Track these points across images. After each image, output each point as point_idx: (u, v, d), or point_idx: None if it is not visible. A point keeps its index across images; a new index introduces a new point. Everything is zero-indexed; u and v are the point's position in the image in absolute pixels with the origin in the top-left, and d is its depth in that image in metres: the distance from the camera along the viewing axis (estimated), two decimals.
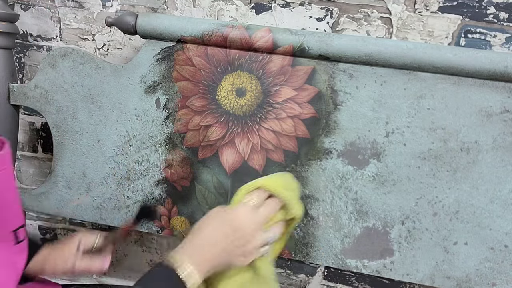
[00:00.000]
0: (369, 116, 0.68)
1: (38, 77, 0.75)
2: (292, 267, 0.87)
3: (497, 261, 0.68)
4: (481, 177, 0.66)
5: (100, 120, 0.75)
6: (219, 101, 0.71)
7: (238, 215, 0.52)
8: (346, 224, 0.72)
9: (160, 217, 0.78)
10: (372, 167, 0.69)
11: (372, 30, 0.72)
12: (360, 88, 0.67)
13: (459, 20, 0.68)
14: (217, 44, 0.68)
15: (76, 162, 0.77)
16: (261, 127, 0.71)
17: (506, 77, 0.62)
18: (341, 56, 0.65)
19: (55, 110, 0.76)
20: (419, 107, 0.66)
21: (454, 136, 0.66)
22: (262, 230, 0.53)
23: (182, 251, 0.49)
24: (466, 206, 0.68)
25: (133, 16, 0.69)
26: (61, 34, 0.85)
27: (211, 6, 0.76)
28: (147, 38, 0.71)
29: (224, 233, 0.50)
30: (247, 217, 0.52)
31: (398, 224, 0.70)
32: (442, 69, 0.63)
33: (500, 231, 0.67)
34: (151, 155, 0.75)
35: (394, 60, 0.64)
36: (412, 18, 0.70)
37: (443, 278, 0.70)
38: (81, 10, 0.82)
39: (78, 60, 0.73)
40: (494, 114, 0.64)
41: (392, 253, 0.71)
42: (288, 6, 0.73)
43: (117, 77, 0.73)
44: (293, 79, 0.68)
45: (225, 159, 0.73)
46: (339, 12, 0.72)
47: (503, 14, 0.67)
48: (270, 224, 0.55)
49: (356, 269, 0.73)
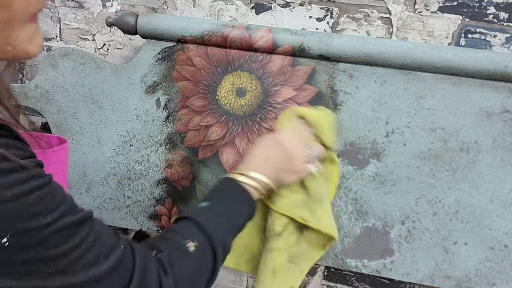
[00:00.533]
0: (369, 116, 0.68)
1: (39, 77, 0.75)
2: None
3: (497, 261, 0.68)
4: (481, 177, 0.66)
5: (101, 120, 0.75)
6: (219, 101, 0.71)
7: (284, 136, 0.57)
8: (346, 224, 0.72)
9: (161, 217, 0.78)
10: (372, 167, 0.69)
11: (372, 30, 0.72)
12: (360, 88, 0.67)
13: (459, 20, 0.68)
14: (217, 44, 0.68)
15: (77, 162, 0.77)
16: (261, 127, 0.71)
17: (506, 77, 0.62)
18: (341, 56, 0.65)
19: (55, 110, 0.76)
20: (419, 107, 0.66)
21: (454, 136, 0.66)
22: (306, 147, 0.58)
23: (240, 168, 0.55)
24: (466, 206, 0.68)
25: (133, 16, 0.69)
26: (61, 34, 0.85)
27: (211, 6, 0.76)
28: (147, 38, 0.71)
29: (274, 151, 0.56)
30: (291, 137, 0.57)
31: (398, 224, 0.70)
32: (442, 69, 0.63)
33: (500, 231, 0.67)
34: (151, 155, 0.75)
35: (394, 60, 0.64)
36: (412, 18, 0.70)
37: (443, 278, 0.70)
38: (81, 10, 0.82)
39: (78, 60, 0.73)
40: (494, 114, 0.64)
41: (392, 253, 0.71)
42: (288, 6, 0.73)
43: (117, 77, 0.73)
44: (293, 79, 0.68)
45: (225, 159, 0.73)
46: (339, 12, 0.72)
47: (503, 14, 0.67)
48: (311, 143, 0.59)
49: (356, 269, 0.73)
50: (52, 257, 0.35)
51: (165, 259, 0.45)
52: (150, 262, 0.43)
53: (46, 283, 0.35)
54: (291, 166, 0.56)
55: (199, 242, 0.47)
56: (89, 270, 0.37)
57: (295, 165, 0.56)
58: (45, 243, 0.34)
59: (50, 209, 0.35)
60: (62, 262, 0.36)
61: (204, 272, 0.48)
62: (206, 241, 0.48)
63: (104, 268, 0.38)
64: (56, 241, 0.35)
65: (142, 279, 0.41)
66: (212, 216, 0.50)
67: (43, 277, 0.35)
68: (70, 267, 0.36)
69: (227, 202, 0.52)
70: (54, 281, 0.35)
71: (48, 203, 0.35)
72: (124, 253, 0.41)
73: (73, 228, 0.37)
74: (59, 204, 0.36)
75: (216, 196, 0.53)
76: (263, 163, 0.55)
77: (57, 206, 0.36)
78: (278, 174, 0.55)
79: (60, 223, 0.35)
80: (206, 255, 0.48)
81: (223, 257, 0.50)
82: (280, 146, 0.56)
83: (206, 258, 0.48)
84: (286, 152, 0.56)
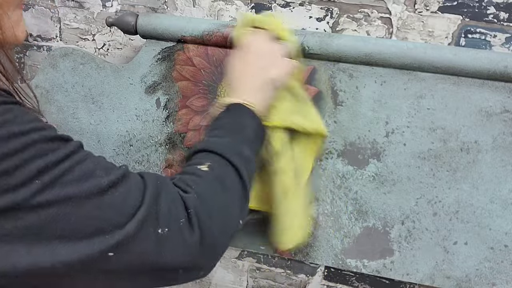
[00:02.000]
0: (369, 116, 0.68)
1: (39, 77, 0.75)
2: (292, 267, 0.87)
3: (497, 261, 0.68)
4: (481, 177, 0.66)
5: (101, 120, 0.75)
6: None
7: (249, 43, 0.56)
8: (346, 224, 0.72)
9: None
10: (372, 167, 0.69)
11: (372, 30, 0.72)
12: (360, 88, 0.67)
13: (459, 20, 0.68)
14: (217, 44, 0.68)
15: None
16: None
17: (506, 77, 0.62)
18: (341, 56, 0.65)
19: (55, 110, 0.76)
20: (419, 107, 0.66)
21: (454, 136, 0.66)
22: (271, 41, 0.57)
23: (229, 95, 0.54)
24: (466, 206, 0.68)
25: (133, 16, 0.69)
26: (61, 34, 0.85)
27: (211, 6, 0.76)
28: (147, 38, 0.71)
29: (250, 64, 0.54)
30: (256, 39, 0.57)
31: (398, 224, 0.70)
32: (442, 69, 0.63)
33: (500, 231, 0.67)
34: (151, 155, 0.75)
35: (394, 60, 0.64)
36: (412, 18, 0.70)
37: (443, 278, 0.70)
38: (81, 10, 0.82)
39: (78, 60, 0.73)
40: (494, 114, 0.64)
41: (392, 253, 0.71)
42: (288, 6, 0.73)
43: (117, 77, 0.73)
44: None
45: None
46: (339, 12, 0.72)
47: (503, 14, 0.67)
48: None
49: (356, 269, 0.73)
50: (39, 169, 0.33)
51: (180, 182, 0.41)
52: (164, 182, 0.40)
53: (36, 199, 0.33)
54: (272, 65, 0.55)
55: (211, 161, 0.44)
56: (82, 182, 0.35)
57: (276, 62, 0.55)
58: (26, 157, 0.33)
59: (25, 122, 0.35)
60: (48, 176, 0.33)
61: (230, 184, 0.44)
62: (218, 158, 0.45)
63: (104, 181, 0.36)
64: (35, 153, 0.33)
65: (157, 196, 0.38)
66: (215, 137, 0.47)
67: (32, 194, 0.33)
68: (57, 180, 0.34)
69: (226, 120, 0.50)
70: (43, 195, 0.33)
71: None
72: (127, 172, 0.38)
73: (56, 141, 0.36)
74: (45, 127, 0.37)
75: (213, 124, 0.51)
76: (243, 88, 0.53)
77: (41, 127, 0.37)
78: (265, 81, 0.54)
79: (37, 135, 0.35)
80: (224, 169, 0.44)
81: (246, 167, 0.46)
82: (254, 55, 0.55)
83: (225, 172, 0.44)
84: (262, 56, 0.55)
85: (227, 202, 0.43)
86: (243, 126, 0.49)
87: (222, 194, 0.43)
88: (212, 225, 0.40)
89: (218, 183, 0.43)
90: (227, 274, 0.91)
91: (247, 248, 0.76)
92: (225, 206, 0.43)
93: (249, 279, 0.90)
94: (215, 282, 0.93)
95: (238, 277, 0.91)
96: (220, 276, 0.92)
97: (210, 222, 0.40)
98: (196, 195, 0.40)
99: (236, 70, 0.55)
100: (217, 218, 0.41)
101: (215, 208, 0.41)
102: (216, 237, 0.41)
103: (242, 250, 0.89)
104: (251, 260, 0.89)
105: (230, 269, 0.91)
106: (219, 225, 0.41)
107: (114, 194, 0.36)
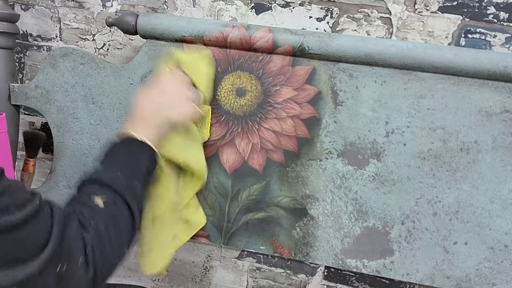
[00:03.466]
0: (369, 116, 0.68)
1: (39, 77, 0.75)
2: (292, 267, 0.87)
3: (497, 261, 0.68)
4: (481, 177, 0.66)
5: (101, 120, 0.75)
6: (219, 101, 0.71)
7: (161, 81, 0.60)
8: (346, 224, 0.72)
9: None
10: (372, 167, 0.69)
11: (372, 30, 0.72)
12: (360, 88, 0.67)
13: (459, 20, 0.68)
14: (217, 44, 0.68)
15: (77, 162, 0.77)
16: (261, 127, 0.71)
17: (506, 77, 0.62)
18: (341, 56, 0.65)
19: (55, 110, 0.76)
20: (419, 107, 0.66)
21: (454, 136, 0.66)
22: (183, 84, 0.61)
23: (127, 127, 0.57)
24: (466, 206, 0.68)
25: (133, 16, 0.69)
26: (61, 34, 0.85)
27: (211, 6, 0.76)
28: (147, 38, 0.71)
29: (154, 99, 0.58)
30: (169, 79, 0.61)
31: (398, 224, 0.70)
32: (442, 69, 0.63)
33: (500, 231, 0.67)
34: None
35: (394, 60, 0.64)
36: (412, 18, 0.70)
37: (443, 278, 0.70)
38: (81, 10, 0.82)
39: (78, 60, 0.73)
40: (494, 114, 0.64)
41: (392, 253, 0.71)
42: (288, 6, 0.73)
43: (117, 77, 0.73)
44: (293, 79, 0.68)
45: (225, 159, 0.73)
46: (339, 12, 0.72)
47: (503, 14, 0.67)
48: None
49: (356, 269, 0.73)
50: None
51: (81, 216, 0.44)
52: (70, 218, 0.43)
53: None
54: (175, 104, 0.59)
55: (106, 195, 0.48)
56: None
57: (180, 102, 0.59)
58: None
59: None
60: None
61: (121, 221, 0.49)
62: (112, 193, 0.48)
63: (16, 218, 0.36)
64: None
65: (62, 234, 0.40)
66: (109, 170, 0.51)
67: None
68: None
69: (120, 153, 0.54)
70: None
71: None
72: (39, 207, 0.40)
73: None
74: None
75: (108, 155, 0.54)
76: (142, 123, 0.56)
77: None
78: (165, 116, 0.58)
79: None
80: (118, 206, 0.49)
81: (136, 200, 0.51)
82: (160, 91, 0.59)
83: (118, 209, 0.49)
84: (166, 93, 0.59)
85: (120, 238, 0.48)
86: (137, 161, 0.54)
87: (115, 231, 0.47)
88: (104, 261, 0.44)
89: (112, 220, 0.47)
90: (227, 274, 0.91)
91: (247, 248, 0.76)
92: (117, 241, 0.47)
93: (249, 279, 0.90)
94: (215, 282, 0.93)
95: (238, 277, 0.91)
96: (220, 276, 0.92)
97: (103, 258, 0.44)
98: (94, 233, 0.44)
99: (140, 104, 0.58)
100: (109, 254, 0.45)
101: (108, 245, 0.45)
102: (106, 271, 0.45)
103: (242, 250, 0.89)
104: (251, 260, 0.89)
105: (230, 269, 0.91)
106: (110, 260, 0.46)
107: (23, 231, 0.37)
